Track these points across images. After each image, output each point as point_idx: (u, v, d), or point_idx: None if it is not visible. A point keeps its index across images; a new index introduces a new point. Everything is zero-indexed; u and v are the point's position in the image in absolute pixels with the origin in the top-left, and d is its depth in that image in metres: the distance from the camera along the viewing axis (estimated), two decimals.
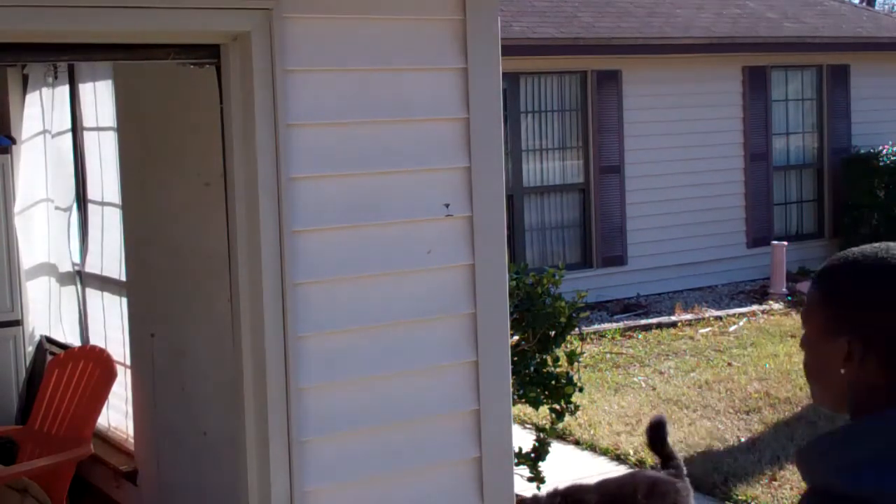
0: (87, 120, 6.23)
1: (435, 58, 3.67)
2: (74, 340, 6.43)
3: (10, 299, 6.44)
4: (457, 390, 3.76)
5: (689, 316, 11.35)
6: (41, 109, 6.52)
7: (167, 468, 4.91)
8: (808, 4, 14.95)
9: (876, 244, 1.73)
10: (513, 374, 5.09)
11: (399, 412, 3.67)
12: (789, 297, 12.29)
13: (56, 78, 6.35)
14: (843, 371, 1.68)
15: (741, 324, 11.16)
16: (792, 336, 10.50)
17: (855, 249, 1.74)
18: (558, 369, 5.77)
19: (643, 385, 8.86)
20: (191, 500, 4.66)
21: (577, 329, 6.15)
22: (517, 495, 4.13)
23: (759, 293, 12.67)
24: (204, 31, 3.39)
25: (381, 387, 3.64)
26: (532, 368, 5.69)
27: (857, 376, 1.67)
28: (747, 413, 7.96)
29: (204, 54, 3.52)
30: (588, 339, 10.40)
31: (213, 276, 4.05)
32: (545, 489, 5.28)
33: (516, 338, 5.66)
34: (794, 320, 11.29)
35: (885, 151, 13.63)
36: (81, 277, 6.45)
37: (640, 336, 10.72)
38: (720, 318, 11.41)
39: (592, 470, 6.90)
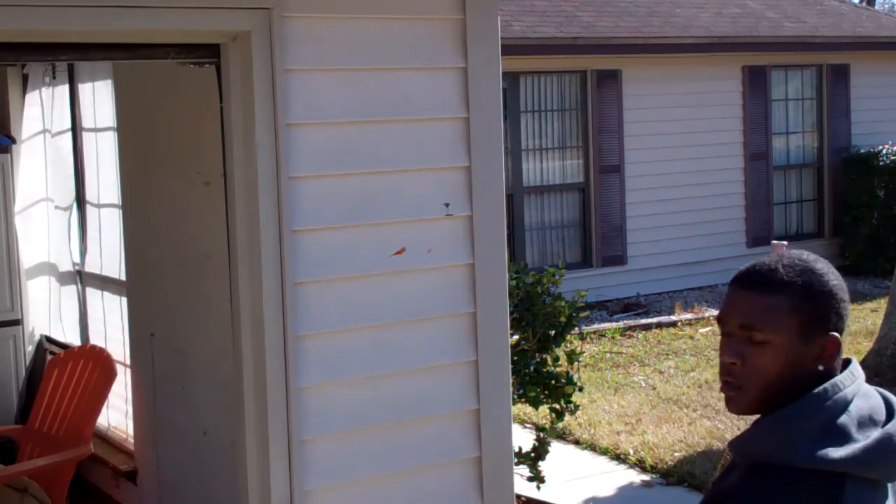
0: (87, 120, 6.22)
1: (435, 58, 3.67)
2: (74, 340, 6.43)
3: (10, 299, 6.44)
4: (457, 390, 3.76)
5: (689, 315, 11.35)
6: (41, 109, 6.52)
7: (167, 468, 4.91)
8: (807, 4, 14.95)
9: (788, 252, 1.89)
10: (513, 373, 5.10)
11: (399, 412, 3.67)
12: None
13: (55, 78, 6.35)
14: (821, 368, 1.81)
15: None
16: None
17: (793, 255, 1.87)
18: (558, 369, 5.77)
19: (643, 385, 8.87)
20: (191, 499, 4.66)
21: (577, 329, 6.14)
22: (517, 495, 4.13)
23: None
24: (204, 31, 3.39)
25: (381, 386, 3.64)
26: (532, 368, 5.69)
27: (832, 366, 1.83)
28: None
29: (204, 54, 3.52)
30: (588, 339, 10.40)
31: (213, 276, 4.04)
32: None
33: (516, 337, 5.66)
34: None
35: (885, 151, 13.62)
36: (81, 277, 6.45)
37: (640, 336, 10.72)
38: None
39: (593, 470, 6.91)
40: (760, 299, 1.81)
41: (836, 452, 1.73)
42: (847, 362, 1.87)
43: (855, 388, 1.82)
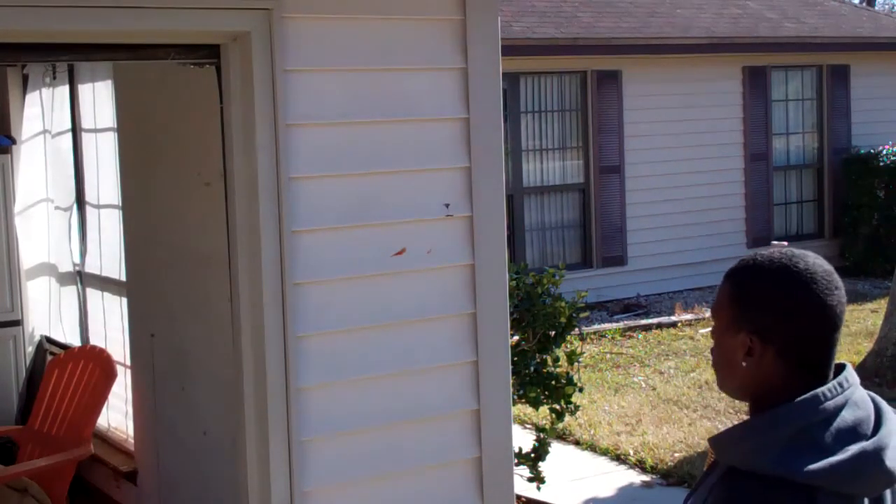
0: (87, 120, 6.22)
1: (435, 58, 3.67)
2: (74, 340, 6.43)
3: (10, 299, 6.44)
4: (457, 390, 3.76)
5: (689, 316, 11.35)
6: (41, 109, 6.52)
7: (167, 468, 4.91)
8: (808, 4, 14.95)
9: (784, 250, 1.86)
10: (513, 374, 5.09)
11: (399, 412, 3.66)
12: None
13: (55, 78, 6.35)
14: (744, 364, 1.83)
15: None
16: None
17: (764, 252, 1.88)
18: (558, 369, 5.77)
19: (643, 385, 8.86)
20: (191, 499, 4.66)
21: (577, 329, 6.14)
22: (517, 496, 4.13)
23: None
24: (204, 31, 3.39)
25: (381, 387, 3.64)
26: (532, 368, 5.69)
27: (756, 369, 1.82)
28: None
29: (204, 54, 3.52)
30: (588, 339, 10.40)
31: (213, 277, 4.04)
32: None
33: (516, 338, 5.66)
34: None
35: (885, 151, 13.63)
36: (81, 277, 6.45)
37: (640, 336, 10.72)
38: None
39: (593, 470, 6.91)
40: (721, 287, 1.90)
41: (806, 465, 1.69)
42: (840, 368, 1.83)
43: (843, 398, 1.77)
